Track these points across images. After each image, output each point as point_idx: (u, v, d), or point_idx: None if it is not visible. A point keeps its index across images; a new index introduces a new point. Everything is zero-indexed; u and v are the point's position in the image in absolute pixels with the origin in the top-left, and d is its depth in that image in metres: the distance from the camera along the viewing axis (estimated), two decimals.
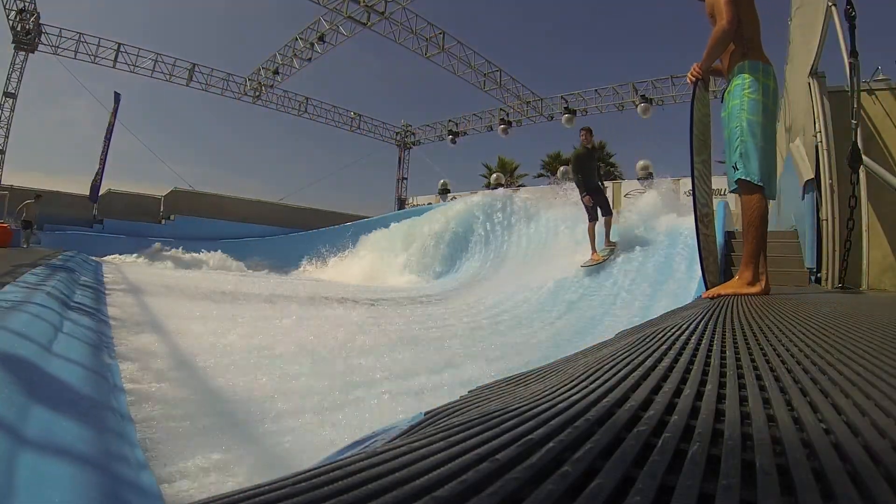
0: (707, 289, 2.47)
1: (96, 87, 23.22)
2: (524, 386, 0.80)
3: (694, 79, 2.49)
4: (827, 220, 3.53)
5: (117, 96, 13.88)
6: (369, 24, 12.68)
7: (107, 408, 1.74)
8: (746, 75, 2.34)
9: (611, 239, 6.37)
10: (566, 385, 0.65)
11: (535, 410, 0.49)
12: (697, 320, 1.23)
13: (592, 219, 6.24)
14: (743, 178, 2.29)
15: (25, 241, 9.89)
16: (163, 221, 14.41)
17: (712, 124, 2.59)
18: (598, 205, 6.26)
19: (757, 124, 2.29)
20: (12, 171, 14.38)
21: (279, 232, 15.76)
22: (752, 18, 2.40)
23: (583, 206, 6.29)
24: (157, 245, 12.32)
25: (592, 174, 6.33)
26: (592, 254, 6.29)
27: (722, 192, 7.82)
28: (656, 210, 7.38)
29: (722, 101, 2.57)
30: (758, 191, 2.30)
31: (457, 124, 18.45)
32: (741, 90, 2.34)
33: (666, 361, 0.71)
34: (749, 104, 2.30)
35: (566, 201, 9.19)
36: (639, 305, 5.64)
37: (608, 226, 6.36)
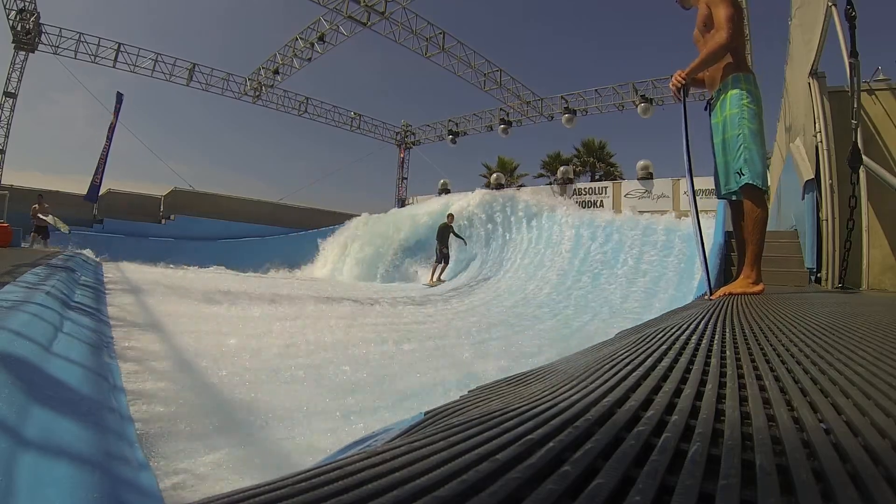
0: (710, 287, 2.48)
1: (94, 84, 23.24)
2: (524, 386, 0.80)
3: (678, 85, 2.53)
4: (827, 220, 3.53)
5: (119, 96, 13.87)
6: (369, 24, 12.65)
7: (107, 408, 1.74)
8: (743, 85, 2.45)
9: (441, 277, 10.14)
10: (566, 385, 0.65)
11: (535, 410, 0.49)
12: (697, 320, 1.23)
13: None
14: (749, 182, 2.39)
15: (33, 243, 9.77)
16: (163, 221, 14.39)
17: (693, 128, 2.63)
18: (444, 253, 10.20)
19: (757, 133, 2.41)
20: (12, 170, 14.37)
21: (279, 232, 15.75)
22: (742, 33, 2.50)
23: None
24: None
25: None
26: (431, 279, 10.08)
27: (703, 193, 7.79)
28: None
29: (709, 109, 2.62)
30: (762, 195, 2.42)
31: (457, 124, 18.43)
32: (739, 100, 2.43)
33: (666, 361, 0.71)
34: (748, 113, 2.41)
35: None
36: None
37: (443, 269, 10.24)
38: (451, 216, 10.43)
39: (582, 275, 8.51)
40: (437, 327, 4.97)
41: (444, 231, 10.14)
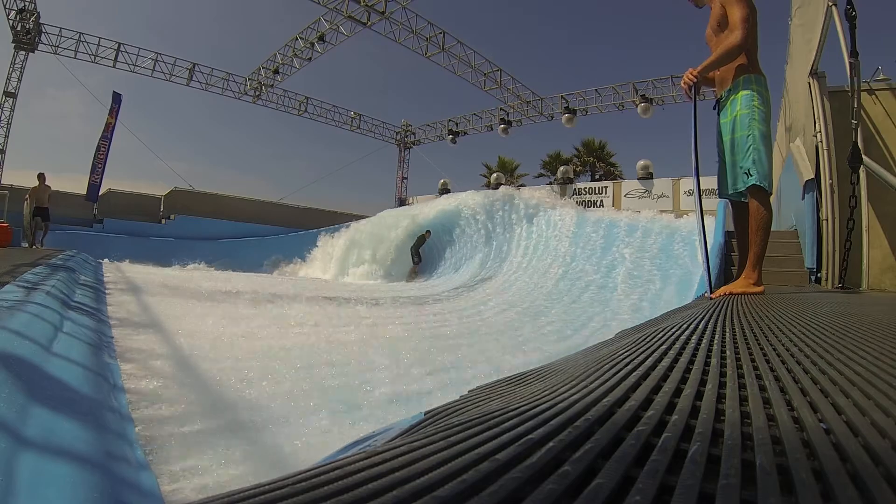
0: (710, 288, 2.48)
1: (94, 82, 23.20)
2: (524, 386, 0.80)
3: (690, 83, 2.53)
4: (827, 220, 3.53)
5: (117, 97, 13.84)
6: (369, 23, 12.64)
7: (107, 408, 1.74)
8: (754, 86, 2.46)
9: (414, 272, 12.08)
10: (566, 385, 0.65)
11: (535, 410, 0.49)
12: (697, 320, 1.23)
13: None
14: (756, 183, 2.39)
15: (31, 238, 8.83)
16: (163, 221, 14.40)
17: (701, 127, 2.62)
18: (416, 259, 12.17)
19: (766, 135, 2.43)
20: (10, 169, 14.34)
21: (279, 231, 15.76)
22: (756, 34, 2.50)
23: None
24: None
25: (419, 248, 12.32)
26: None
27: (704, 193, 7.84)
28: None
29: (718, 108, 2.61)
30: (767, 196, 2.42)
31: (457, 124, 18.42)
32: (750, 100, 2.44)
33: (666, 361, 0.71)
34: (759, 115, 2.42)
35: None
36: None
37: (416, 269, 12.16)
38: (428, 232, 12.37)
39: (581, 274, 8.51)
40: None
41: (420, 241, 12.30)
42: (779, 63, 5.77)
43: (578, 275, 8.52)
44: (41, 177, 9.18)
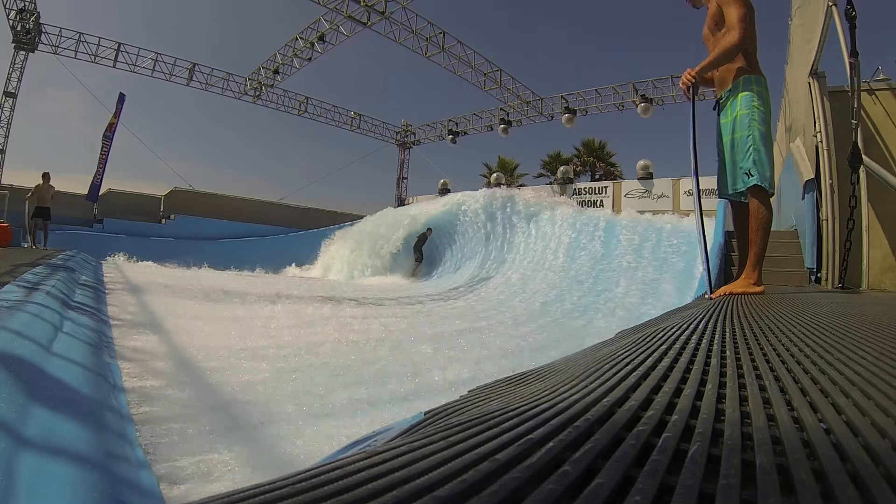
0: (710, 288, 2.48)
1: (93, 81, 23.19)
2: (524, 386, 0.80)
3: (689, 83, 2.54)
4: (827, 220, 3.53)
5: (122, 97, 13.83)
6: (369, 23, 12.63)
7: (107, 408, 1.74)
8: (754, 87, 2.46)
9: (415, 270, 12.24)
10: (566, 385, 0.65)
11: (535, 410, 0.49)
12: (697, 320, 1.23)
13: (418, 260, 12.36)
14: (758, 184, 2.40)
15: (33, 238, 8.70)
16: (163, 221, 14.39)
17: (700, 127, 2.62)
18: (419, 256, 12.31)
19: (766, 135, 2.43)
20: (10, 169, 14.32)
21: (279, 231, 15.76)
22: (754, 34, 2.50)
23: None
24: None
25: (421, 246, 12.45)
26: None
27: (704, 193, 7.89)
28: None
29: (718, 108, 2.61)
30: (768, 197, 2.43)
31: (457, 124, 18.41)
32: (750, 101, 2.45)
33: (666, 361, 0.71)
34: (759, 115, 2.43)
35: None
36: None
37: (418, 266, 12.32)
38: (429, 230, 12.50)
39: (581, 274, 8.51)
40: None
41: (422, 239, 12.45)
42: (779, 63, 5.78)
43: (580, 277, 8.52)
44: (46, 176, 9.07)
